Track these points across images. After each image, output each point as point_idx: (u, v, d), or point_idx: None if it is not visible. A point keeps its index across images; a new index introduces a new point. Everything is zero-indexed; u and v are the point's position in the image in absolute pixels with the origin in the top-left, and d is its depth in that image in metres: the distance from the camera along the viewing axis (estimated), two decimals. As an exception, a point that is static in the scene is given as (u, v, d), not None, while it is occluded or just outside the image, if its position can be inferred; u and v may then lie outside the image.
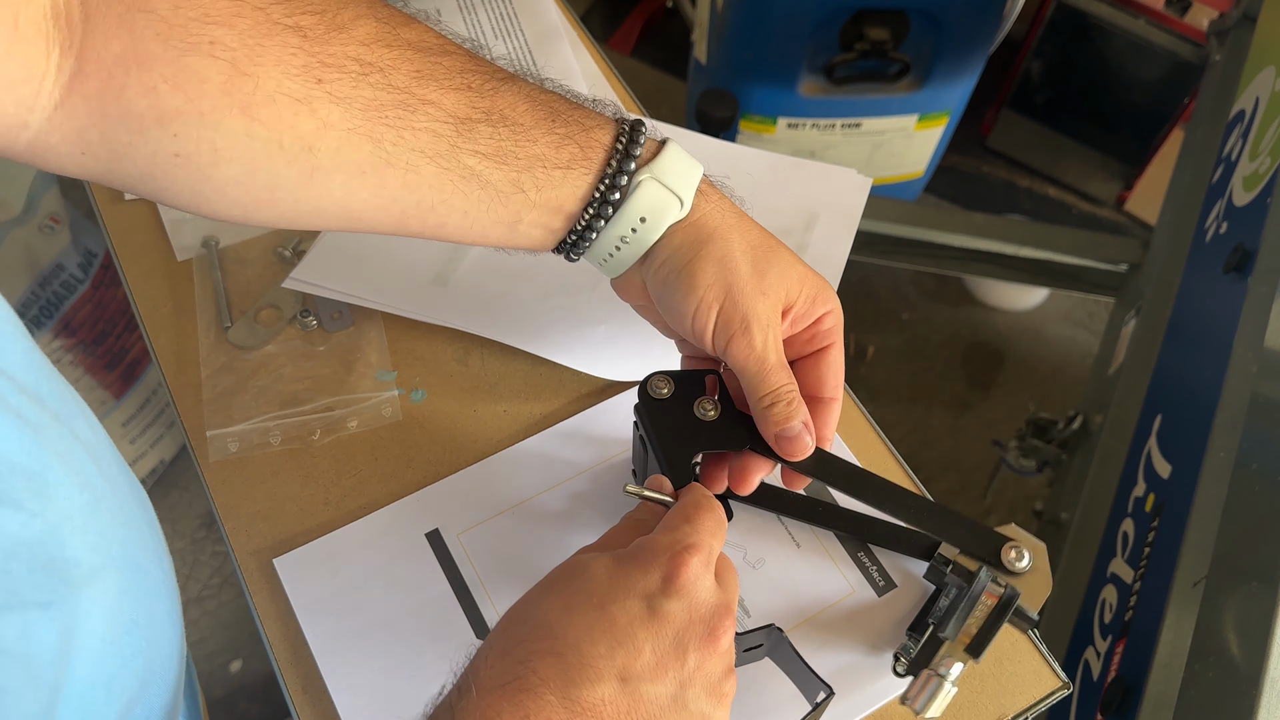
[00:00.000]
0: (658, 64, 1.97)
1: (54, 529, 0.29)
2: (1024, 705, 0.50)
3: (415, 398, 0.59)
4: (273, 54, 0.35)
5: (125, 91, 0.34)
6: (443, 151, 0.39)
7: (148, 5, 0.33)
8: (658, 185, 0.42)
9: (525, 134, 0.40)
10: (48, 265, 1.15)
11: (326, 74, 0.36)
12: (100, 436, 0.38)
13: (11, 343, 0.31)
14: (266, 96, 0.35)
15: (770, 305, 0.44)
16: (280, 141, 0.36)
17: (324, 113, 0.36)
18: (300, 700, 0.50)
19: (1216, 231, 1.02)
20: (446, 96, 0.39)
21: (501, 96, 0.40)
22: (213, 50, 0.34)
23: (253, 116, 0.35)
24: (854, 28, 1.37)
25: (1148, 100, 1.70)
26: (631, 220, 0.43)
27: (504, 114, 0.40)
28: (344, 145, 0.37)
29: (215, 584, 1.40)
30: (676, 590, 0.37)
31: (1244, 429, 0.77)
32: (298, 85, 0.35)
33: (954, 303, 1.73)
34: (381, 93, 0.37)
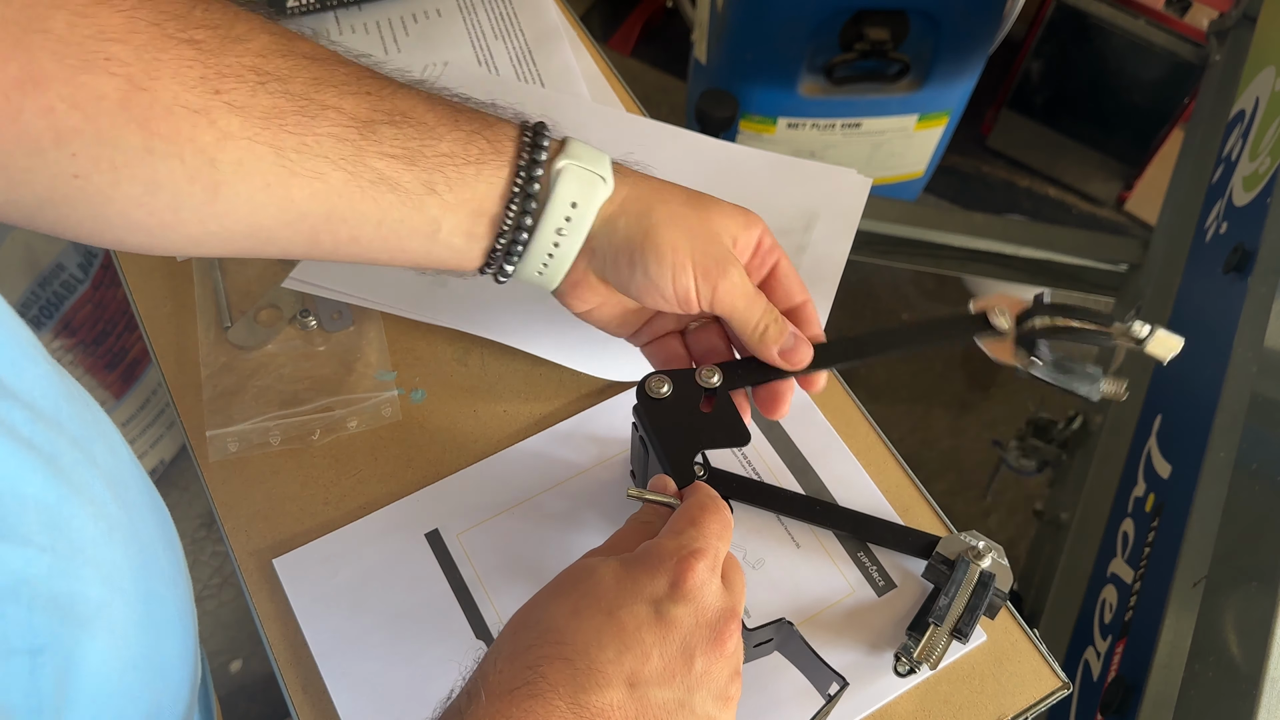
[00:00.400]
0: (658, 64, 1.97)
1: (63, 563, 0.29)
2: (1024, 705, 0.50)
3: (415, 398, 0.59)
4: (169, 67, 0.34)
5: (22, 114, 0.33)
6: (348, 156, 0.38)
7: (44, 25, 0.33)
8: (578, 168, 0.42)
9: (429, 132, 0.40)
10: (48, 265, 1.15)
11: (224, 84, 0.36)
12: (121, 456, 0.37)
13: (31, 366, 0.31)
14: (164, 109, 0.35)
15: (726, 244, 0.46)
16: (181, 155, 0.36)
17: (223, 123, 0.36)
18: (300, 700, 0.50)
19: (1216, 231, 1.02)
20: (346, 101, 0.38)
21: (401, 99, 0.40)
22: (109, 66, 0.33)
23: (151, 131, 0.35)
24: (854, 28, 1.37)
25: (1148, 100, 1.70)
26: (563, 209, 0.43)
27: (406, 114, 0.40)
28: (246, 156, 0.37)
29: (215, 584, 1.40)
30: (683, 595, 0.37)
31: (1244, 429, 0.77)
32: (195, 96, 0.35)
33: (954, 303, 1.73)
34: (280, 100, 0.37)
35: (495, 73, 0.73)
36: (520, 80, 0.73)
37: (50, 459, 0.29)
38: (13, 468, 0.27)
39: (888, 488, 0.57)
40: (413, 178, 0.40)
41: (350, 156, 0.38)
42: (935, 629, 0.48)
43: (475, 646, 0.51)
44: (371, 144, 0.39)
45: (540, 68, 0.73)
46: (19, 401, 0.29)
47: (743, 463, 0.57)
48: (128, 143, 0.35)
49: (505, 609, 0.52)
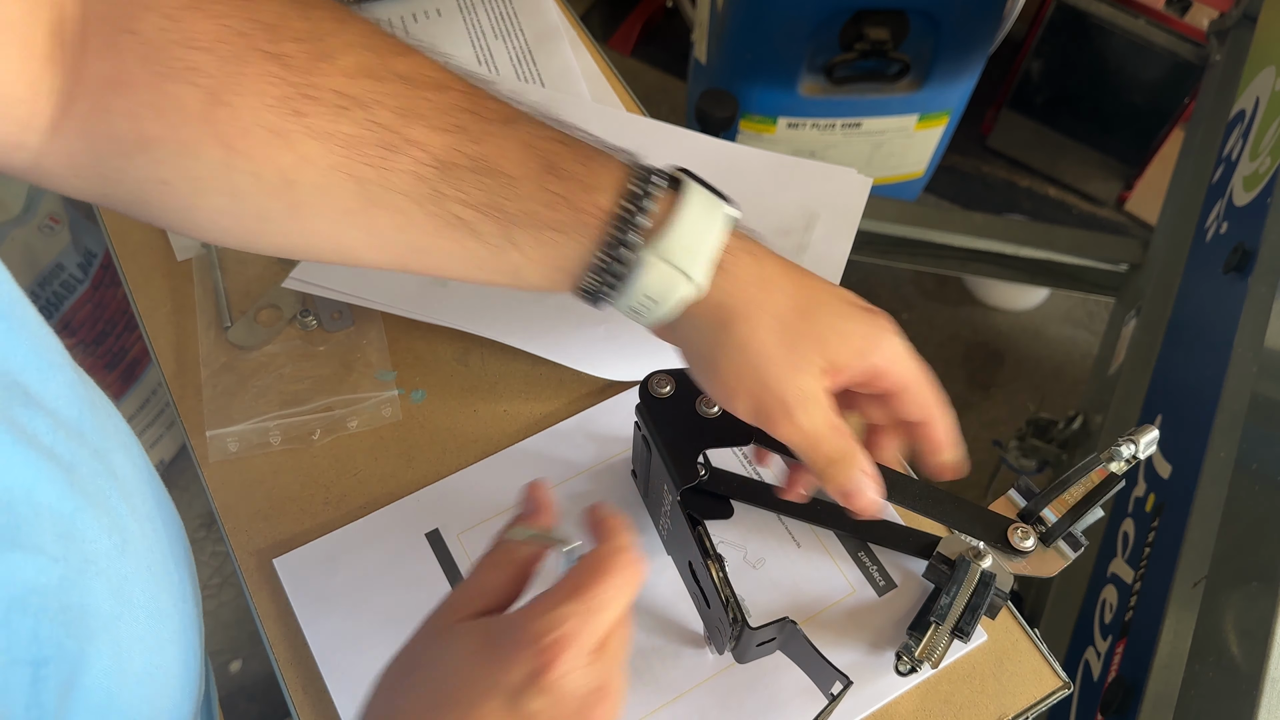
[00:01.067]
0: (658, 64, 1.97)
1: (74, 574, 0.29)
2: (1024, 705, 0.50)
3: (415, 398, 0.59)
4: (252, 83, 0.33)
5: (110, 115, 0.33)
6: (427, 196, 0.36)
7: (133, 25, 0.33)
8: (663, 264, 0.38)
9: (513, 187, 0.37)
10: (47, 265, 1.15)
11: (305, 106, 0.34)
12: (140, 468, 0.37)
13: (55, 373, 0.31)
14: (243, 127, 0.34)
15: (808, 379, 0.39)
16: (260, 173, 0.35)
17: (302, 148, 0.35)
18: (300, 700, 0.50)
19: (1217, 231, 1.02)
20: (433, 137, 0.36)
21: (493, 142, 0.37)
22: (192, 76, 0.33)
23: (230, 147, 0.34)
24: (854, 28, 1.37)
25: (1148, 100, 1.70)
26: (638, 296, 0.39)
27: (493, 163, 0.37)
28: (324, 182, 0.36)
29: (215, 584, 1.40)
30: (541, 689, 0.33)
31: (1244, 429, 0.77)
32: (275, 117, 0.34)
33: (954, 303, 1.73)
34: (363, 129, 0.35)
35: (495, 72, 0.73)
36: (520, 80, 0.73)
37: (69, 468, 0.29)
38: (30, 476, 0.27)
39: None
40: (492, 228, 0.37)
41: (429, 197, 0.36)
42: (936, 628, 0.47)
43: None
44: (451, 188, 0.36)
45: (540, 67, 0.73)
46: (43, 409, 0.29)
47: (743, 463, 0.57)
48: (208, 155, 0.34)
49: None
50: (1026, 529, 0.48)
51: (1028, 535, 0.48)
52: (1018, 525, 0.48)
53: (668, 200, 0.38)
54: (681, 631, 0.51)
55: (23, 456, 0.27)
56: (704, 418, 0.47)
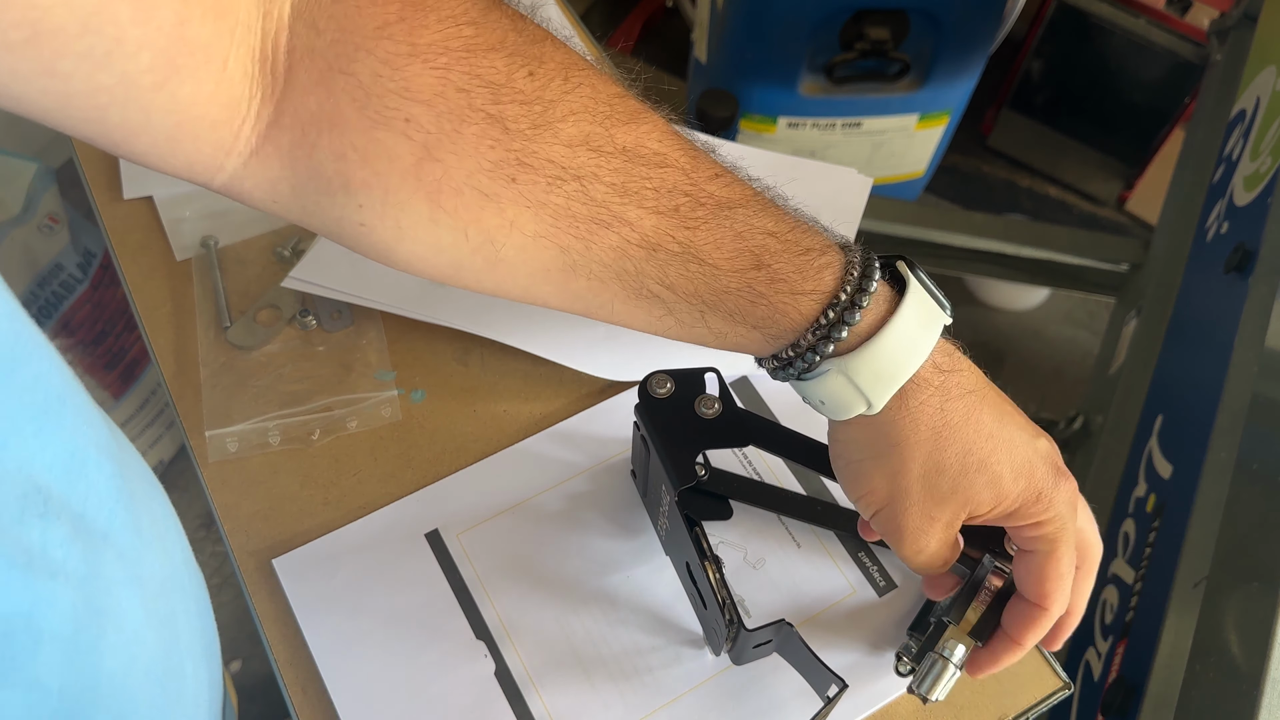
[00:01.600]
0: (658, 64, 1.97)
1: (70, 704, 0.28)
2: (1025, 705, 0.50)
3: (415, 398, 0.59)
4: (469, 143, 0.32)
5: (316, 151, 0.33)
6: (629, 272, 0.36)
7: (349, 68, 0.31)
8: (845, 381, 0.37)
9: (717, 279, 0.36)
10: (46, 265, 1.15)
11: (521, 174, 0.33)
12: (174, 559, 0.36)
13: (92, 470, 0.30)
14: (455, 188, 0.33)
15: (939, 523, 0.40)
16: (465, 231, 0.34)
17: (511, 213, 0.34)
18: (300, 700, 0.49)
19: (1217, 231, 1.02)
20: (646, 219, 0.35)
21: (706, 230, 0.35)
22: (407, 129, 0.32)
23: (438, 204, 0.33)
24: (854, 27, 1.37)
25: (1148, 100, 1.70)
26: (812, 397, 0.39)
27: (701, 252, 0.35)
28: (529, 247, 0.35)
29: (215, 584, 1.40)
30: None
31: (1245, 429, 0.77)
32: (489, 180, 0.33)
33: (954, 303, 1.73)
34: (576, 203, 0.34)
35: (495, 72, 0.73)
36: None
37: (81, 582, 0.28)
38: (30, 600, 0.26)
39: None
40: (687, 311, 0.37)
41: (631, 273, 0.36)
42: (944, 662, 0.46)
43: (475, 646, 0.51)
44: (655, 269, 0.36)
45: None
46: (66, 514, 0.28)
47: (743, 463, 0.57)
48: (414, 209, 0.33)
49: (505, 609, 0.52)
50: None
51: None
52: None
53: (879, 310, 0.37)
54: (679, 633, 0.51)
55: (22, 582, 0.26)
56: (703, 418, 0.47)
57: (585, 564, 0.53)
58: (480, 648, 0.51)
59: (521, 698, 0.49)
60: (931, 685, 0.45)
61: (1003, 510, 0.40)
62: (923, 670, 0.45)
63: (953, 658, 0.45)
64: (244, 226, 0.65)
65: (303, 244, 0.64)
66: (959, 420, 0.38)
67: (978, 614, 0.46)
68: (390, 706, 0.49)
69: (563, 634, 0.51)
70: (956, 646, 0.45)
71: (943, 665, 0.45)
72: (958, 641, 0.45)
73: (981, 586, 0.47)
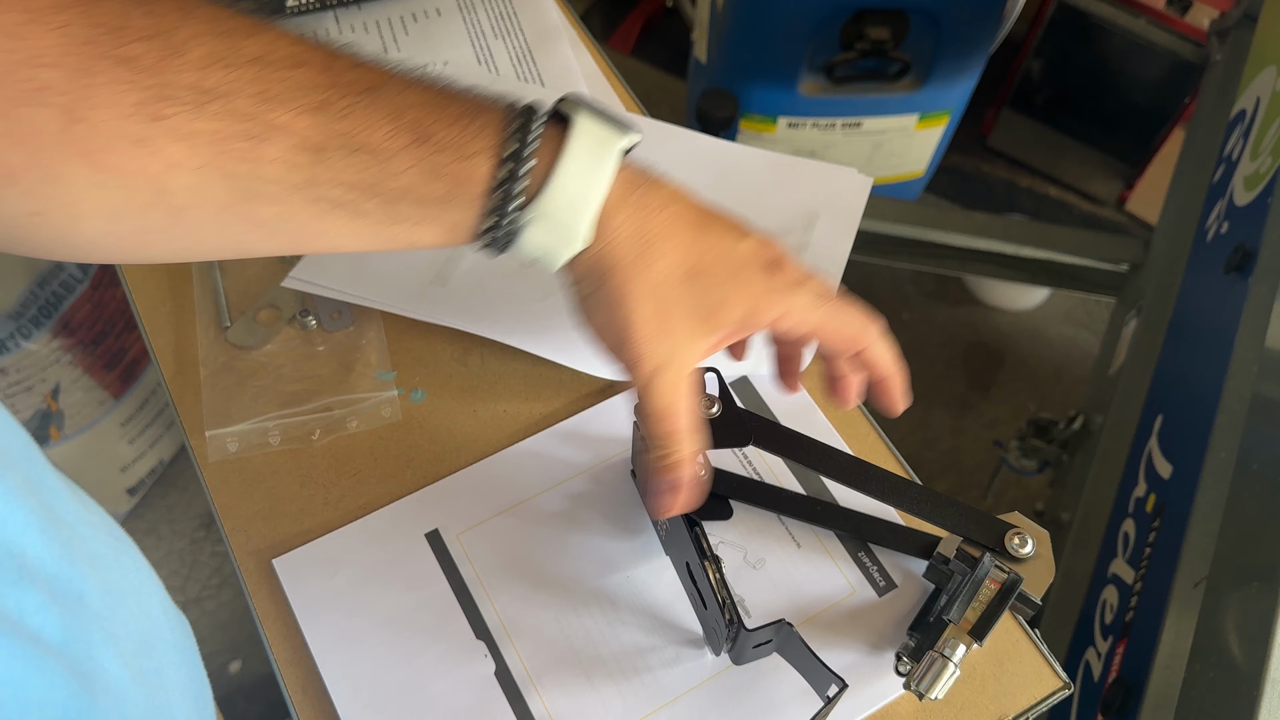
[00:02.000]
0: (658, 64, 1.97)
1: None
2: (1025, 705, 0.50)
3: (415, 398, 0.59)
4: (104, 93, 0.31)
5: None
6: (303, 182, 0.35)
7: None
8: (540, 228, 0.38)
9: (386, 164, 0.36)
10: (47, 265, 1.15)
11: (163, 108, 0.32)
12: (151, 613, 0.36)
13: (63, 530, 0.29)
14: (107, 142, 0.32)
15: (670, 347, 0.40)
16: (132, 186, 0.33)
17: (168, 152, 0.33)
18: (300, 700, 0.49)
19: (1217, 231, 1.02)
20: (298, 120, 0.34)
21: (359, 115, 0.35)
22: (44, 96, 0.31)
23: (96, 164, 0.32)
24: (854, 27, 1.37)
25: (1148, 100, 1.70)
26: (530, 253, 0.40)
27: (362, 139, 0.35)
28: (197, 183, 0.34)
29: (215, 584, 1.40)
30: None
31: (1245, 429, 0.77)
32: (134, 125, 0.32)
33: (954, 303, 1.73)
34: (225, 122, 0.33)
35: (495, 72, 0.73)
36: (520, 80, 0.72)
37: (63, 648, 0.28)
38: (16, 672, 0.26)
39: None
40: (375, 207, 0.37)
41: (306, 183, 0.35)
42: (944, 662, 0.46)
43: (475, 646, 0.51)
44: (325, 172, 0.35)
45: (540, 67, 0.73)
46: (39, 579, 0.27)
47: (743, 463, 0.57)
48: (75, 177, 0.32)
49: (505, 609, 0.52)
50: (1025, 536, 0.48)
51: (1026, 542, 0.48)
52: (1016, 531, 0.48)
53: (551, 149, 0.37)
54: (679, 633, 0.51)
55: (7, 649, 0.25)
56: (703, 418, 0.47)
57: (585, 564, 0.53)
58: (480, 648, 0.51)
59: (521, 698, 0.49)
60: (931, 684, 0.45)
61: (735, 317, 0.40)
62: (922, 669, 0.46)
63: (953, 657, 0.45)
64: (244, 226, 0.65)
65: (303, 244, 0.64)
66: (666, 230, 0.39)
67: (977, 614, 0.47)
68: (390, 706, 0.49)
69: (563, 634, 0.51)
70: (957, 646, 0.45)
71: (942, 664, 0.45)
72: (958, 641, 0.46)
73: (982, 586, 0.47)
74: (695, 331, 0.40)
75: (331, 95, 0.35)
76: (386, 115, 0.35)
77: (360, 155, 0.35)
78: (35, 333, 1.15)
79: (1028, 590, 0.47)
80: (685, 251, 0.39)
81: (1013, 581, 0.47)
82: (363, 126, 0.35)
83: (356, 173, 0.35)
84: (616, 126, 0.39)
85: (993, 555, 0.48)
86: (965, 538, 0.49)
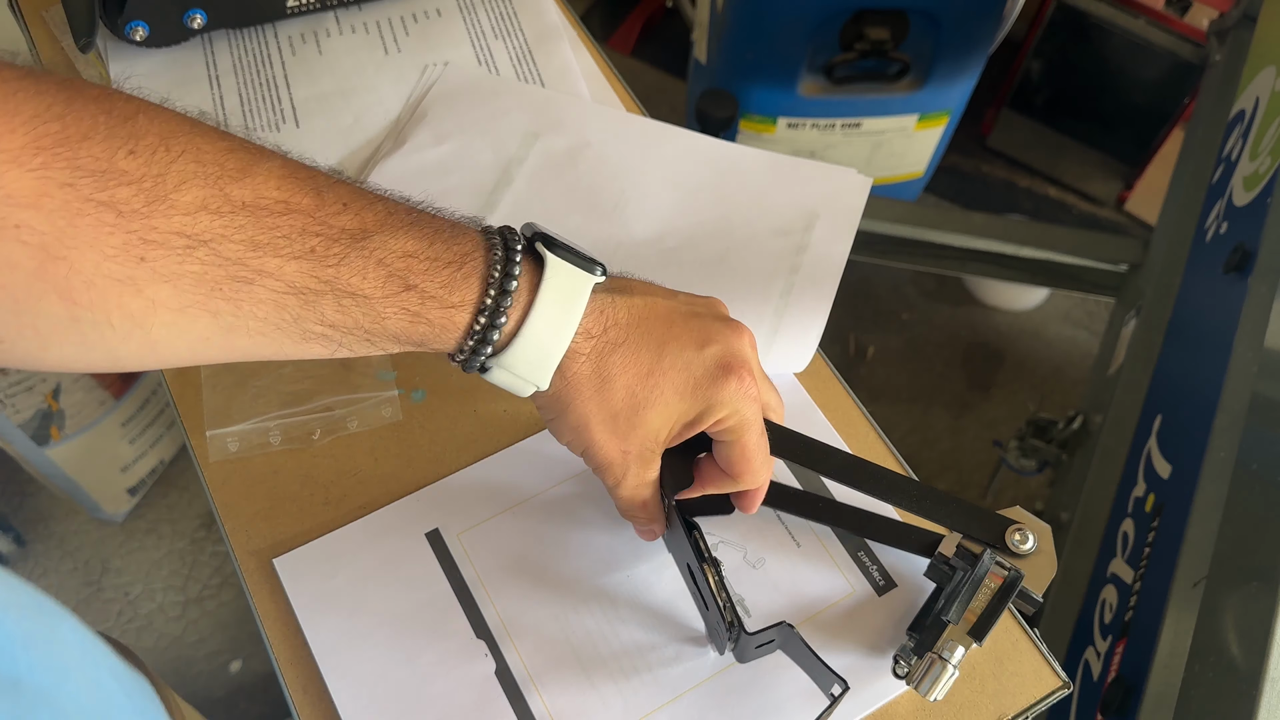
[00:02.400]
0: (658, 64, 1.97)
1: None
2: (1024, 705, 0.50)
3: (415, 398, 0.59)
4: (87, 234, 0.31)
5: None
6: (289, 320, 0.36)
7: None
8: (509, 374, 0.41)
9: (373, 309, 0.37)
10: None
11: (149, 251, 0.32)
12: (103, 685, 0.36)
13: None
14: (85, 281, 0.32)
15: (632, 456, 0.44)
16: (110, 322, 0.33)
17: (151, 291, 0.33)
18: (300, 700, 0.50)
19: (1217, 231, 1.02)
20: (286, 266, 0.35)
21: (348, 265, 0.36)
22: (19, 235, 0.30)
23: (73, 301, 0.32)
24: (854, 28, 1.37)
25: (1148, 100, 1.70)
26: (495, 383, 0.43)
27: (350, 287, 0.36)
28: (179, 321, 0.34)
29: (215, 584, 1.40)
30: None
31: (1244, 429, 0.77)
32: (118, 266, 0.32)
33: (954, 303, 1.73)
34: (212, 268, 0.34)
35: (495, 72, 0.73)
36: (520, 80, 0.73)
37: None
38: None
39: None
40: (357, 342, 0.39)
41: (291, 321, 0.36)
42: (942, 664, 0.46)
43: (476, 646, 0.51)
44: (312, 313, 0.36)
45: (540, 67, 0.73)
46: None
47: (743, 463, 0.57)
48: (50, 312, 0.32)
49: (505, 609, 0.52)
50: (1026, 532, 0.48)
51: (1027, 538, 0.48)
52: (1018, 527, 0.48)
53: (524, 303, 0.40)
54: (680, 631, 0.51)
55: None
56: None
57: (586, 563, 0.53)
58: (481, 647, 0.51)
59: (522, 697, 0.49)
60: (930, 686, 0.45)
61: (683, 429, 0.44)
62: (921, 670, 0.46)
63: (951, 658, 0.45)
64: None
65: (303, 244, 0.64)
66: (617, 372, 0.42)
67: (976, 614, 0.47)
68: (390, 706, 0.49)
69: (563, 633, 0.51)
70: (956, 648, 0.45)
71: (941, 666, 0.45)
72: (957, 643, 0.46)
73: (982, 583, 0.47)
74: (652, 442, 0.44)
75: (320, 244, 0.36)
76: (374, 264, 0.37)
77: (346, 300, 0.37)
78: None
79: (1029, 587, 0.47)
80: (643, 379, 0.43)
81: (1014, 578, 0.47)
82: (351, 275, 0.36)
83: (343, 315, 0.37)
84: (590, 265, 0.41)
85: (994, 552, 0.48)
86: (966, 534, 0.49)
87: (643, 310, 0.43)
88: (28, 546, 1.43)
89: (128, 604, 1.39)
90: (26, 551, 1.43)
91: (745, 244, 0.64)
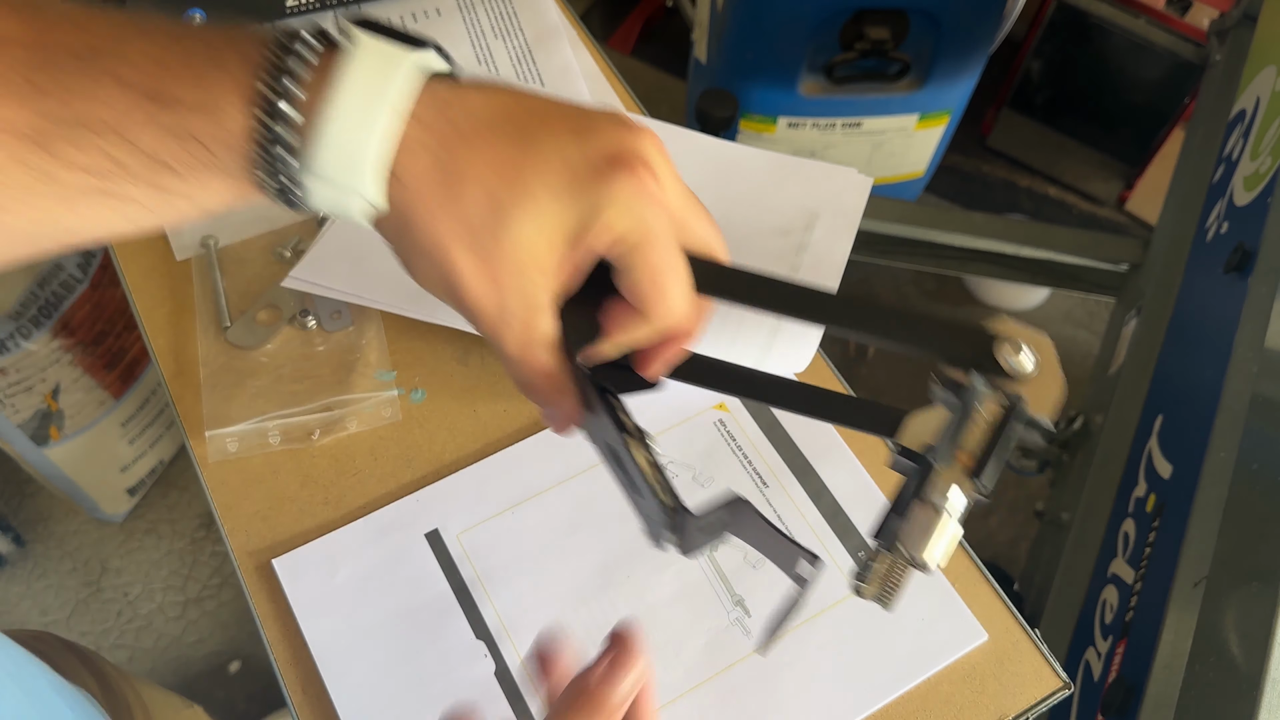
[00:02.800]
0: (658, 64, 1.97)
1: None
2: (1025, 705, 0.50)
3: (415, 398, 0.59)
4: None
5: None
6: (42, 178, 0.29)
7: None
8: (323, 181, 0.31)
9: (126, 138, 0.29)
10: (46, 265, 1.15)
11: None
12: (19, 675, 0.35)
13: None
14: None
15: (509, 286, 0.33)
16: None
17: None
18: (300, 700, 0.49)
19: (1217, 231, 1.02)
20: (12, 112, 0.29)
21: (80, 92, 0.29)
22: None
23: None
24: (854, 27, 1.37)
25: (1148, 100, 1.70)
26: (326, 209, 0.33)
27: (90, 117, 0.29)
28: None
29: (215, 584, 1.40)
30: None
31: (1245, 429, 0.77)
32: None
33: (954, 303, 1.73)
34: None
35: (495, 72, 0.73)
36: (520, 79, 0.72)
37: None
38: None
39: (890, 488, 0.56)
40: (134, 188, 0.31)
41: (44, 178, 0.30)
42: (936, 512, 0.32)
43: (475, 646, 0.51)
44: (60, 164, 0.29)
45: (540, 67, 0.73)
46: None
47: (743, 462, 0.57)
48: None
49: (505, 609, 0.52)
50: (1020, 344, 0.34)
51: (1020, 353, 0.34)
52: (1006, 340, 0.34)
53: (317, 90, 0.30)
54: (680, 632, 0.51)
55: None
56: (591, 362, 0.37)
57: (585, 563, 0.53)
58: (480, 648, 0.51)
59: (522, 698, 0.49)
60: (919, 541, 0.31)
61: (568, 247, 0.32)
62: (908, 526, 0.32)
63: (946, 504, 0.32)
64: (244, 226, 0.65)
65: (303, 244, 0.64)
66: (466, 166, 0.31)
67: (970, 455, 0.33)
68: (390, 706, 0.49)
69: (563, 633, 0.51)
70: (949, 487, 0.32)
71: (932, 515, 0.32)
72: (950, 482, 0.32)
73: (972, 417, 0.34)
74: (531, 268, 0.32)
75: (44, 75, 0.29)
76: (112, 83, 0.29)
77: (93, 137, 0.29)
78: (35, 333, 1.15)
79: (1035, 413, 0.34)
80: (505, 174, 0.31)
81: (1014, 403, 0.34)
82: (87, 103, 0.29)
83: (97, 157, 0.30)
84: (416, 41, 0.32)
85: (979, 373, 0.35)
86: (943, 357, 0.36)
87: (507, 100, 0.32)
88: (27, 547, 1.43)
89: (127, 604, 1.39)
90: (26, 552, 1.43)
91: (746, 243, 0.64)
